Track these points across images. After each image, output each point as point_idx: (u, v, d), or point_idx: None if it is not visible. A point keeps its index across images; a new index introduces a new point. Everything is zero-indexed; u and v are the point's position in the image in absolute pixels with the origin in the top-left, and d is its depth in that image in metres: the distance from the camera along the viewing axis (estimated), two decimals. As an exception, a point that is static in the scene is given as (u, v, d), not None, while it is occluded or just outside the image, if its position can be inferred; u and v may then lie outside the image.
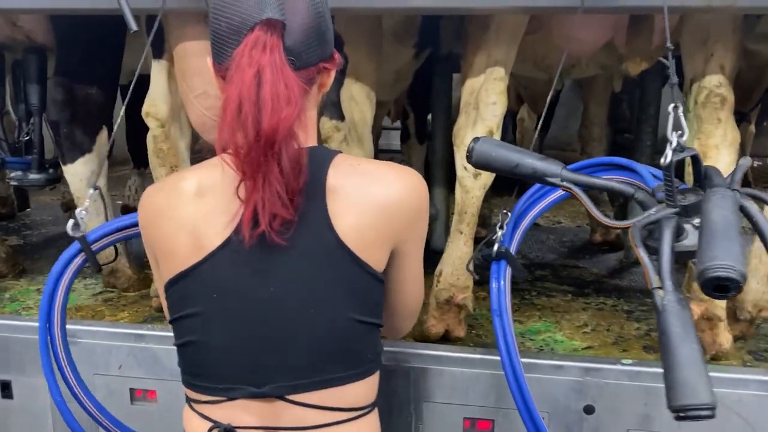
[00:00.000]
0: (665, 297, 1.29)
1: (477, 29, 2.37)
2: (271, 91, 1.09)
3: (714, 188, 1.39)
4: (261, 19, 1.12)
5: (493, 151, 1.67)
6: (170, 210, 1.24)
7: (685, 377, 1.20)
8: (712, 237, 1.26)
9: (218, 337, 1.22)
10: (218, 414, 1.24)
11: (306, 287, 1.20)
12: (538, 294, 2.95)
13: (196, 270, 1.21)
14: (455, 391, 2.02)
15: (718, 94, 2.16)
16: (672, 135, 1.42)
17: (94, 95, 2.57)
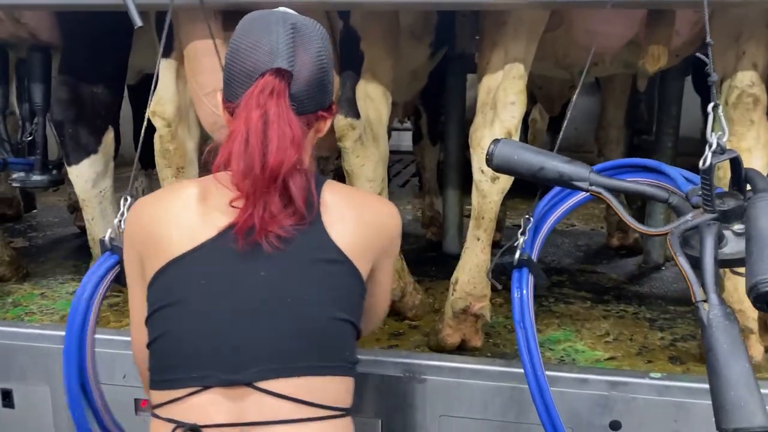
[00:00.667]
0: (711, 311, 1.20)
1: (494, 25, 2.27)
2: (278, 131, 1.24)
3: (760, 193, 1.28)
4: (272, 68, 1.26)
5: (516, 153, 1.58)
6: (167, 212, 1.32)
7: (737, 398, 1.11)
8: (764, 247, 1.16)
9: (196, 323, 1.26)
10: (183, 413, 1.23)
11: (294, 279, 1.28)
12: (556, 300, 2.86)
13: (186, 258, 1.27)
14: (473, 405, 1.93)
15: (750, 94, 2.06)
16: (712, 136, 1.32)
17: (100, 95, 2.50)
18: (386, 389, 1.95)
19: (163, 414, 1.25)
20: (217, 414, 1.21)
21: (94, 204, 2.59)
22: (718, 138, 1.33)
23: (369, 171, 2.33)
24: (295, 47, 1.28)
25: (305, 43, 1.30)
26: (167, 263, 1.28)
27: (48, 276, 3.13)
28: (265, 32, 1.29)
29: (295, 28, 1.29)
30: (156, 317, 1.29)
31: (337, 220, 1.33)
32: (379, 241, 1.40)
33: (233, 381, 1.22)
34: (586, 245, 3.85)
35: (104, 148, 2.55)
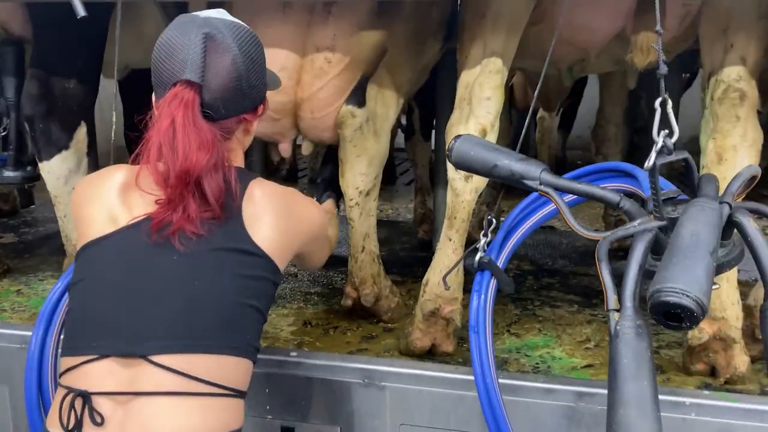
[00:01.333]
0: (620, 322, 1.11)
1: (473, 17, 2.19)
2: (183, 139, 1.31)
3: (697, 199, 1.19)
4: (181, 79, 1.35)
5: (472, 150, 1.51)
6: (95, 193, 1.43)
7: (626, 417, 1.02)
8: (673, 255, 1.07)
9: (104, 299, 1.34)
10: (77, 379, 1.29)
11: (203, 266, 1.34)
12: (542, 304, 2.75)
13: (104, 240, 1.37)
14: (435, 413, 1.84)
15: (737, 88, 1.94)
16: (659, 135, 1.22)
17: (72, 89, 2.44)
18: (345, 396, 1.88)
19: (63, 382, 1.33)
20: (108, 382, 1.28)
21: (66, 201, 2.54)
22: (665, 137, 1.23)
23: (363, 164, 2.27)
24: (206, 57, 1.35)
25: (218, 52, 1.37)
26: (88, 242, 1.39)
27: (29, 273, 3.10)
28: (181, 38, 1.37)
29: (209, 36, 1.36)
30: (72, 290, 1.41)
31: (259, 214, 1.39)
32: (300, 238, 1.50)
33: (128, 352, 1.28)
34: (585, 246, 3.71)
35: (76, 144, 2.49)
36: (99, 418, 1.24)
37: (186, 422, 1.26)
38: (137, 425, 1.25)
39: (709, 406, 1.73)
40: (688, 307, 1.03)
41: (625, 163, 1.60)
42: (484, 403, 1.49)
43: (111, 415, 1.26)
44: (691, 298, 1.03)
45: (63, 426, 1.26)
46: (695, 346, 2.06)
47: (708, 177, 1.31)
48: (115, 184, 1.41)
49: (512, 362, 2.18)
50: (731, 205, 1.25)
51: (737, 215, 1.25)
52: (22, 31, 2.50)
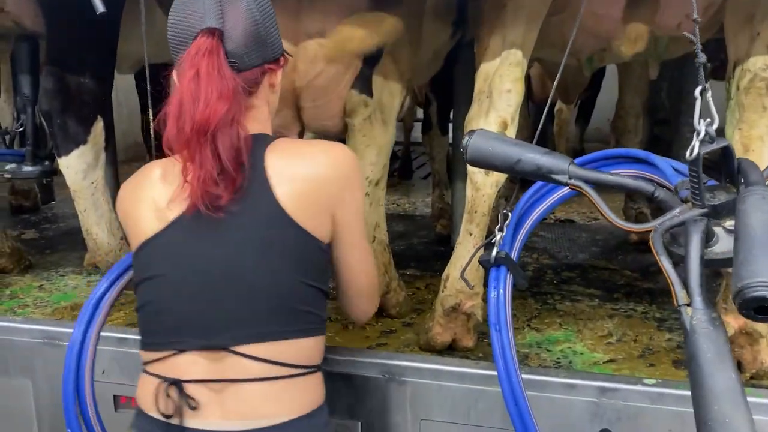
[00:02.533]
0: (695, 315, 1.08)
1: (492, 8, 2.16)
2: (206, 88, 1.28)
3: (751, 186, 1.15)
4: (203, 28, 1.32)
5: (491, 145, 1.47)
6: (138, 192, 1.42)
7: (721, 413, 0.99)
8: (753, 247, 1.03)
9: (172, 296, 1.35)
10: (167, 370, 1.34)
11: (252, 250, 1.33)
12: (562, 298, 2.73)
13: (156, 238, 1.37)
14: (456, 409, 1.83)
15: (764, 78, 1.90)
16: (700, 123, 1.19)
17: (88, 84, 2.45)
18: (365, 391, 1.87)
19: (151, 370, 1.37)
20: (197, 371, 1.31)
21: (86, 195, 2.57)
22: (707, 125, 1.20)
23: (373, 154, 2.26)
24: (223, 5, 1.34)
25: (233, 0, 1.35)
26: (144, 242, 1.38)
27: (50, 268, 3.13)
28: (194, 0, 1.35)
29: None
30: (139, 289, 1.41)
31: (281, 182, 1.34)
32: (324, 193, 1.37)
33: (208, 346, 1.31)
34: (605, 240, 3.69)
35: (94, 138, 2.51)
36: (194, 404, 1.29)
37: (278, 404, 1.32)
38: (234, 410, 1.30)
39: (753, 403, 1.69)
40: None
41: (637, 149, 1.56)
42: (509, 401, 1.47)
43: (207, 402, 1.30)
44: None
45: (161, 412, 1.32)
46: (720, 340, 2.03)
47: (750, 163, 1.26)
48: (155, 180, 1.39)
49: (533, 357, 2.16)
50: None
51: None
52: (34, 26, 2.51)
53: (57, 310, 2.55)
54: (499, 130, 2.05)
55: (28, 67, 2.55)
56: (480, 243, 2.12)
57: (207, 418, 1.30)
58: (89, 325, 1.69)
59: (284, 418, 1.32)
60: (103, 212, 2.64)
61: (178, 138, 1.29)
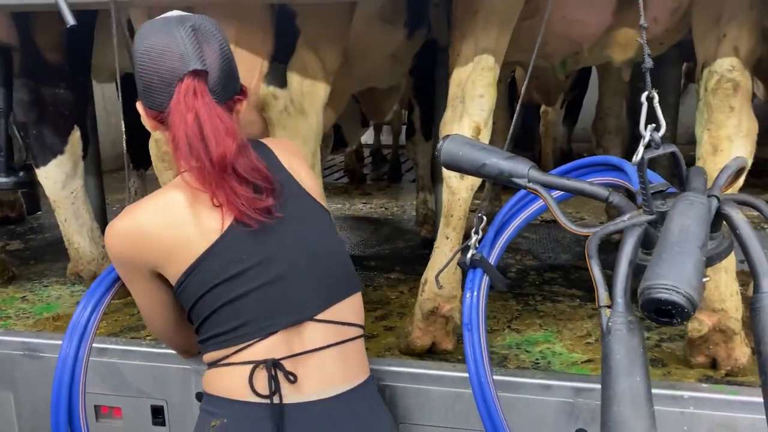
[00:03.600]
0: (612, 318, 1.11)
1: (464, 14, 2.18)
2: (212, 128, 1.37)
3: (685, 193, 1.19)
4: (188, 71, 1.37)
5: (461, 150, 1.51)
6: (163, 220, 1.43)
7: (620, 414, 1.02)
8: (663, 251, 1.06)
9: (252, 288, 1.41)
10: (256, 354, 1.40)
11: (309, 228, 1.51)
12: (544, 299, 2.75)
13: (214, 250, 1.41)
14: (434, 411, 1.85)
15: (730, 79, 1.93)
16: (645, 129, 1.22)
17: (63, 94, 2.46)
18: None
19: (235, 360, 1.42)
20: (284, 348, 1.41)
21: (66, 205, 2.58)
22: (652, 131, 1.22)
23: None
24: (201, 46, 1.39)
25: (207, 39, 1.41)
26: (198, 258, 1.41)
27: (34, 279, 3.13)
28: (169, 38, 1.38)
29: (194, 28, 1.40)
30: (206, 299, 1.43)
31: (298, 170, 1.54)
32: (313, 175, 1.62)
33: (294, 322, 1.42)
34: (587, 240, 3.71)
35: (71, 148, 2.52)
36: (293, 377, 1.39)
37: (350, 368, 1.47)
38: (319, 379, 1.42)
39: (708, 399, 1.72)
40: (678, 303, 1.03)
41: (613, 156, 1.59)
42: (479, 402, 1.49)
43: (297, 375, 1.40)
44: (681, 294, 1.03)
45: (258, 394, 1.38)
46: (695, 338, 2.05)
47: (696, 170, 1.31)
48: (182, 203, 1.43)
49: (512, 358, 2.18)
50: (719, 198, 1.25)
51: (726, 208, 1.25)
52: (8, 38, 2.51)
53: (39, 321, 2.55)
54: (473, 135, 2.07)
55: (1, 78, 2.55)
56: (456, 246, 2.15)
57: (300, 391, 1.40)
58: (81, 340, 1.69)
59: (359, 381, 1.49)
60: (84, 221, 2.65)
61: (200, 175, 1.38)
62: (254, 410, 1.38)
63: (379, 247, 3.69)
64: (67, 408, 1.67)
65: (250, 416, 1.39)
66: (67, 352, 1.66)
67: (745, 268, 2.85)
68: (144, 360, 2.06)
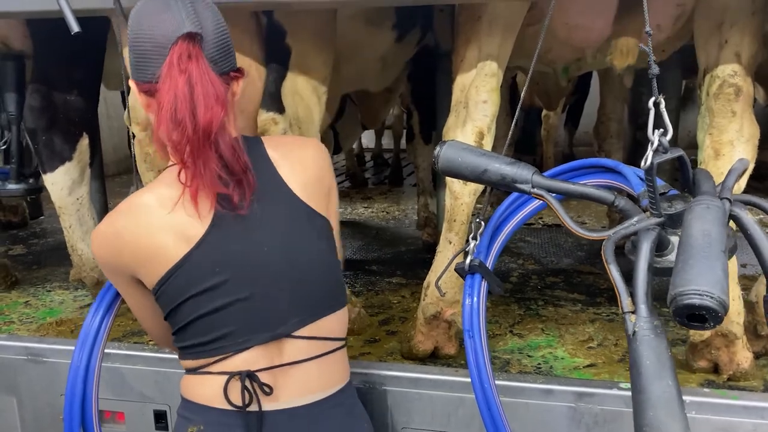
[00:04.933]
0: (637, 323, 1.11)
1: (468, 20, 2.19)
2: (203, 91, 1.28)
3: (699, 197, 1.19)
4: (182, 33, 1.30)
5: (460, 156, 1.49)
6: (142, 223, 1.37)
7: (656, 419, 1.02)
8: (689, 256, 1.06)
9: (228, 301, 1.36)
10: (234, 366, 1.38)
11: (290, 240, 1.41)
12: (545, 303, 2.75)
13: (191, 256, 1.35)
14: (436, 416, 1.85)
15: (732, 84, 1.93)
16: (653, 133, 1.22)
17: (73, 102, 2.48)
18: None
19: (212, 370, 1.40)
20: (262, 361, 1.39)
21: (71, 211, 2.58)
22: (660, 136, 1.23)
23: None
24: (197, 12, 1.33)
25: (205, 8, 1.35)
26: (175, 265, 1.36)
27: (36, 284, 3.14)
28: (164, 9, 1.32)
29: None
30: (181, 310, 1.39)
31: (291, 174, 1.44)
32: (324, 183, 1.50)
33: (271, 338, 1.39)
34: (590, 244, 3.70)
35: (79, 155, 2.53)
36: (268, 389, 1.38)
37: (329, 377, 1.45)
38: (297, 388, 1.41)
39: (710, 403, 1.72)
40: (712, 308, 1.03)
41: (608, 159, 1.59)
42: (482, 407, 1.49)
43: (275, 386, 1.39)
44: (715, 299, 1.03)
45: (232, 403, 1.37)
46: (697, 343, 2.06)
47: (703, 173, 1.30)
48: (154, 207, 1.36)
49: (514, 363, 2.18)
50: (730, 200, 1.25)
51: (735, 209, 1.25)
52: (23, 46, 2.54)
53: (42, 326, 2.56)
54: (476, 140, 2.08)
55: (13, 85, 2.57)
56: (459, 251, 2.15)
57: (277, 399, 1.39)
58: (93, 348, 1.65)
59: (337, 387, 1.47)
60: (88, 228, 2.66)
61: (179, 142, 1.29)
62: (230, 418, 1.37)
63: (380, 252, 3.69)
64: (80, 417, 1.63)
65: (226, 423, 1.38)
66: (79, 360, 1.62)
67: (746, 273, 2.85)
68: (147, 365, 2.07)
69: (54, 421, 2.16)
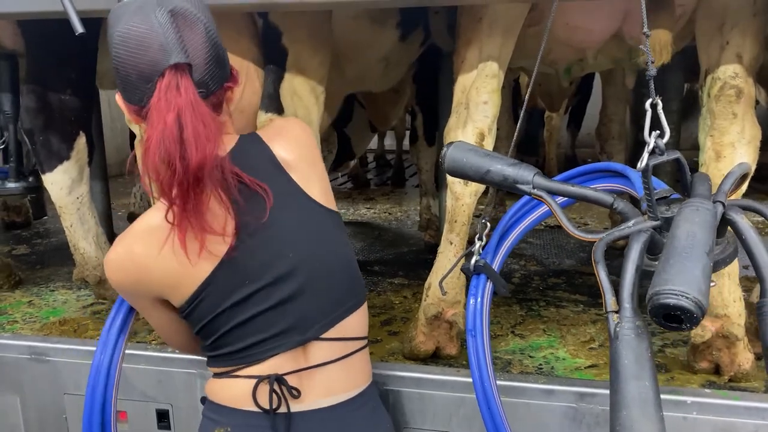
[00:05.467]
0: (620, 323, 1.11)
1: (469, 21, 2.20)
2: (193, 132, 1.23)
3: (691, 199, 1.20)
4: (168, 65, 1.23)
5: (465, 156, 1.51)
6: (159, 252, 1.34)
7: (629, 418, 1.02)
8: (670, 257, 1.07)
9: (258, 312, 1.38)
10: (262, 370, 1.40)
11: (311, 242, 1.43)
12: (548, 305, 2.76)
13: (217, 275, 1.36)
14: (437, 417, 1.86)
15: (733, 85, 1.94)
16: (649, 136, 1.23)
17: (69, 101, 2.48)
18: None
19: (241, 374, 1.42)
20: (289, 365, 1.41)
21: (71, 211, 2.59)
22: (656, 138, 1.23)
23: None
24: (182, 34, 1.25)
25: (190, 25, 1.27)
26: (201, 285, 1.37)
27: (40, 284, 3.15)
28: (146, 26, 1.24)
29: (174, 12, 1.26)
30: (213, 324, 1.41)
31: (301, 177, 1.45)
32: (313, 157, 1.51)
33: (300, 342, 1.41)
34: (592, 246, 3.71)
35: (77, 154, 2.54)
36: (296, 393, 1.40)
37: (353, 378, 1.48)
38: (322, 389, 1.43)
39: (711, 404, 1.73)
40: (687, 308, 1.03)
41: (617, 163, 1.59)
42: (483, 406, 1.50)
43: (300, 387, 1.41)
44: (690, 300, 1.04)
45: (260, 406, 1.39)
46: (699, 344, 2.06)
47: (701, 176, 1.31)
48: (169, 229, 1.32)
49: (516, 363, 2.19)
50: (725, 203, 1.26)
51: (730, 213, 1.25)
52: (14, 45, 2.54)
53: (45, 326, 2.57)
54: (477, 141, 2.08)
55: (8, 85, 2.57)
56: (460, 251, 2.16)
57: (302, 401, 1.41)
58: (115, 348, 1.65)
59: (361, 388, 1.49)
60: (89, 227, 2.67)
61: (165, 181, 1.25)
62: (258, 420, 1.39)
63: (382, 252, 3.70)
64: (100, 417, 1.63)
65: (254, 425, 1.39)
66: (101, 361, 1.62)
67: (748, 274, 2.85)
68: (149, 364, 2.08)
69: (57, 419, 2.18)
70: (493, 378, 1.54)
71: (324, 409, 1.42)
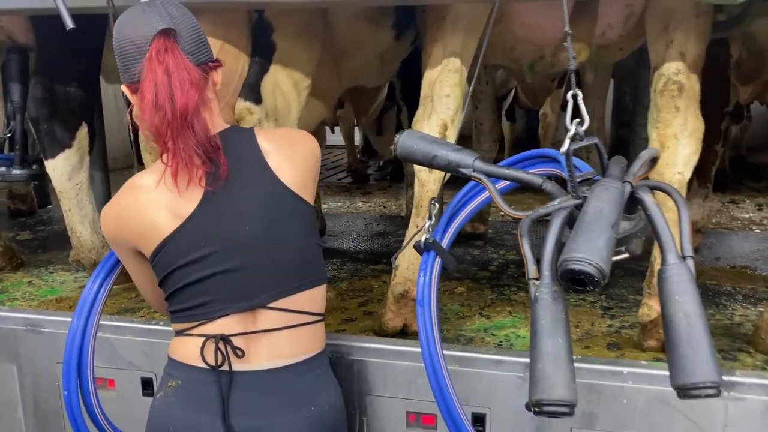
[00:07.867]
0: (539, 288, 1.27)
1: (434, 20, 2.34)
2: (179, 77, 1.46)
3: (603, 180, 1.35)
4: (157, 30, 1.47)
5: (414, 143, 1.67)
6: (141, 202, 1.55)
7: (543, 372, 1.18)
8: (579, 229, 1.23)
9: (211, 273, 1.53)
10: (212, 329, 1.55)
11: (271, 221, 1.57)
12: (518, 290, 2.90)
13: (181, 231, 1.52)
14: (398, 384, 2.01)
15: (675, 81, 2.08)
16: (571, 123, 1.38)
17: (73, 92, 2.65)
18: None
19: (193, 332, 1.57)
20: (237, 327, 1.55)
21: (70, 196, 2.76)
22: (576, 125, 1.39)
23: None
24: (169, 13, 1.51)
25: (176, 9, 1.54)
26: (165, 239, 1.53)
27: (40, 266, 3.33)
28: (140, 14, 1.50)
29: (163, 3, 1.53)
30: (171, 277, 1.56)
31: (281, 163, 1.59)
32: (314, 170, 1.68)
33: (248, 307, 1.55)
34: (571, 236, 3.84)
35: (78, 143, 2.70)
36: (240, 353, 1.54)
37: (299, 346, 1.61)
38: (267, 353, 1.57)
39: (645, 374, 1.87)
40: (589, 273, 1.19)
41: (552, 149, 1.74)
42: (429, 371, 1.65)
43: (247, 349, 1.55)
44: (593, 265, 1.20)
45: (207, 362, 1.53)
46: (646, 323, 2.20)
47: (615, 159, 1.46)
48: (151, 186, 1.53)
49: (478, 341, 2.34)
50: (632, 183, 1.41)
51: (639, 192, 1.41)
52: (27, 40, 2.72)
53: (43, 303, 2.74)
54: (440, 132, 2.23)
55: (18, 76, 2.75)
56: (426, 235, 2.31)
57: (248, 362, 1.55)
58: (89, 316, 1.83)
59: (305, 356, 1.61)
60: (86, 212, 2.84)
61: (161, 125, 1.45)
62: (205, 375, 1.54)
63: (370, 241, 3.85)
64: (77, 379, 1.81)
65: (201, 380, 1.55)
66: (77, 325, 1.80)
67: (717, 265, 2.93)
68: (135, 335, 2.24)
69: (51, 387, 2.35)
70: (440, 346, 1.70)
71: (267, 371, 1.56)
